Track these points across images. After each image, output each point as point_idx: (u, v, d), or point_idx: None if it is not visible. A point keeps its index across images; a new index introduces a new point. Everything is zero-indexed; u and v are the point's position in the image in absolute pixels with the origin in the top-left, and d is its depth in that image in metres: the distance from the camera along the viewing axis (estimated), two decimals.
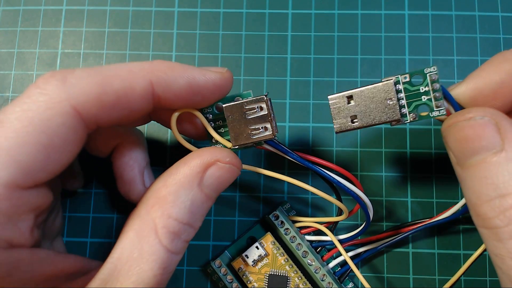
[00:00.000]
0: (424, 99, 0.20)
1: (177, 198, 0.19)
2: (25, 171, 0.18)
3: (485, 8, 0.29)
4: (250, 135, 0.21)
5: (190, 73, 0.20)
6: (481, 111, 0.18)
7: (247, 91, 0.22)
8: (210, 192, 0.20)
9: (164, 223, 0.19)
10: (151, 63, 0.20)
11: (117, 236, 0.20)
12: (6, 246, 0.18)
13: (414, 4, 0.29)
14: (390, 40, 0.29)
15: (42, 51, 0.30)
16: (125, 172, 0.23)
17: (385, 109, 0.20)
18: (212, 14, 0.30)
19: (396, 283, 0.27)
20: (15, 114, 0.18)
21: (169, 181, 0.20)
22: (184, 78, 0.20)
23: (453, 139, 0.18)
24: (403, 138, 0.28)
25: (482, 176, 0.17)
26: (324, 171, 0.22)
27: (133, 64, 0.20)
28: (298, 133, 0.28)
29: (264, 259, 0.25)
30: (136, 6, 0.30)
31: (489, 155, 0.17)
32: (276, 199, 0.28)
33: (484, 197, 0.17)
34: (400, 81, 0.20)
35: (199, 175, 0.20)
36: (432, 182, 0.27)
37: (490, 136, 0.17)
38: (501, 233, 0.16)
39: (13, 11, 0.30)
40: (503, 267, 0.16)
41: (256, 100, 0.21)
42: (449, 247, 0.27)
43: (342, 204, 0.23)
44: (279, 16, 0.30)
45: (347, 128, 0.20)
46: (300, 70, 0.29)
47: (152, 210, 0.19)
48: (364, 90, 0.20)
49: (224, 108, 0.21)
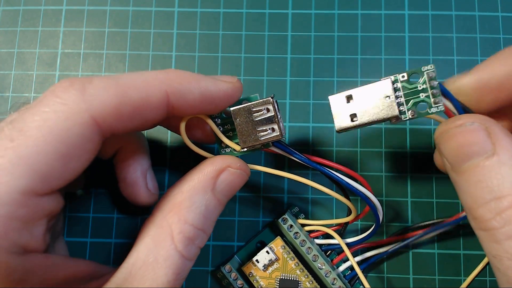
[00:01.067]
0: (422, 96, 0.20)
1: (192, 203, 0.20)
2: (43, 179, 0.18)
3: (485, 8, 0.29)
4: (258, 136, 0.21)
5: (204, 83, 0.20)
6: (471, 118, 0.18)
7: (254, 94, 0.22)
8: (222, 197, 0.21)
9: (181, 228, 0.19)
10: (166, 73, 0.20)
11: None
12: (22, 252, 0.18)
13: (414, 4, 0.29)
14: (390, 40, 0.29)
15: (42, 51, 0.30)
16: (128, 175, 0.24)
17: (383, 106, 0.20)
18: (212, 14, 0.30)
19: (396, 283, 0.27)
20: (35, 123, 0.18)
21: (184, 187, 0.20)
22: (198, 89, 0.20)
23: (445, 146, 0.19)
24: (403, 138, 0.28)
25: (477, 180, 0.17)
26: (332, 173, 0.22)
27: (148, 74, 0.20)
28: (298, 133, 0.28)
29: (275, 264, 0.25)
30: (136, 6, 0.30)
31: (482, 160, 0.17)
32: (277, 198, 0.28)
33: (480, 200, 0.17)
34: (398, 79, 0.20)
35: (212, 181, 0.21)
36: (432, 182, 0.27)
37: (481, 141, 0.17)
38: (498, 234, 0.16)
39: (13, 11, 0.30)
40: (501, 267, 0.17)
41: (262, 102, 0.21)
42: (449, 247, 0.27)
43: (351, 204, 0.23)
44: (279, 16, 0.30)
45: (348, 126, 0.21)
46: (300, 70, 0.29)
47: (169, 216, 0.20)
48: (362, 89, 0.20)
49: (232, 111, 0.21)
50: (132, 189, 0.24)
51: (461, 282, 0.26)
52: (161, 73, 0.20)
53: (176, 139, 0.28)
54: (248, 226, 0.27)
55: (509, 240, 0.16)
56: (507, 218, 0.16)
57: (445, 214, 0.27)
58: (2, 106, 0.29)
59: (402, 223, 0.27)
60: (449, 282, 0.26)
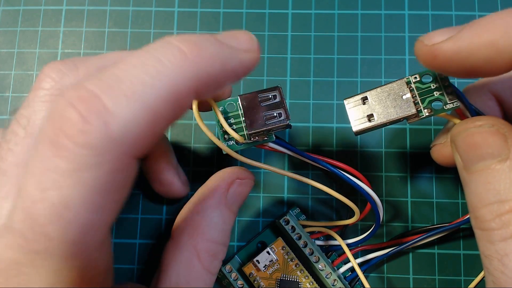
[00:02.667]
0: (437, 94, 0.20)
1: (210, 221, 0.21)
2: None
3: (485, 8, 0.29)
4: (265, 121, 0.21)
5: (226, 60, 0.17)
6: (491, 120, 0.18)
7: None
8: (235, 208, 0.22)
9: (205, 247, 0.21)
10: (191, 61, 0.16)
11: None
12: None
13: (414, 4, 0.30)
14: (390, 40, 0.29)
15: (42, 51, 0.30)
16: (163, 176, 0.25)
17: (400, 104, 0.20)
18: (212, 14, 0.30)
19: (396, 283, 0.27)
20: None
21: (199, 207, 0.21)
22: (222, 72, 0.17)
23: (462, 144, 0.19)
24: (403, 138, 0.28)
25: (486, 182, 0.17)
26: (333, 168, 0.22)
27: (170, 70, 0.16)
28: (298, 133, 0.28)
29: (275, 264, 0.25)
30: (136, 6, 0.30)
31: (494, 162, 0.17)
32: (277, 198, 0.28)
33: (484, 201, 0.17)
34: (411, 81, 0.21)
35: (224, 195, 0.22)
36: (432, 182, 0.27)
37: (497, 144, 0.17)
38: (494, 235, 0.17)
39: (13, 11, 0.30)
40: (490, 267, 0.17)
41: (270, 89, 0.22)
42: (449, 247, 0.27)
43: (353, 204, 0.23)
44: (279, 16, 0.30)
45: (366, 127, 0.21)
46: (300, 70, 0.29)
47: (192, 238, 0.21)
48: (378, 90, 0.21)
49: (239, 98, 0.22)
50: (169, 188, 0.25)
51: (461, 282, 0.26)
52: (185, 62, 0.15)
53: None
54: (248, 226, 0.27)
55: (502, 242, 0.17)
56: (505, 221, 0.17)
57: (445, 214, 0.27)
58: (2, 106, 0.29)
59: (402, 223, 0.27)
60: (449, 282, 0.26)
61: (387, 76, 0.29)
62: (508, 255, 0.16)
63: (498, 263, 0.17)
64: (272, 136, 0.22)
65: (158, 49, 0.15)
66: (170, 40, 0.16)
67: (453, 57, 0.17)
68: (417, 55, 0.19)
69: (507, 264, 0.16)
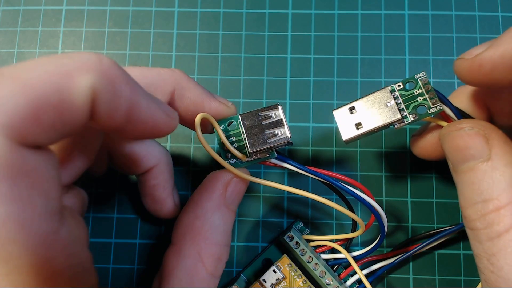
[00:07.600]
0: (420, 99, 0.21)
1: (211, 224, 0.21)
2: None
3: (485, 8, 0.29)
4: (267, 140, 0.21)
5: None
6: (471, 123, 0.19)
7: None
8: (234, 207, 0.22)
9: (209, 252, 0.20)
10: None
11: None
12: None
13: (414, 4, 0.29)
14: (390, 40, 0.29)
15: (42, 51, 0.30)
16: (157, 192, 0.24)
17: (385, 112, 0.21)
18: (212, 14, 0.30)
19: (396, 283, 0.27)
20: None
21: (199, 211, 0.21)
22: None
23: (447, 146, 0.20)
24: (403, 138, 0.28)
25: (470, 182, 0.18)
26: (337, 182, 0.22)
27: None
28: (298, 133, 0.28)
29: (282, 282, 0.25)
30: (136, 6, 0.30)
31: (477, 163, 0.18)
32: (276, 198, 0.28)
33: (470, 201, 0.18)
34: (395, 89, 0.22)
35: (222, 196, 0.21)
36: (432, 182, 0.27)
37: (478, 146, 0.18)
38: (480, 235, 0.18)
39: (13, 11, 0.30)
40: (480, 266, 0.18)
41: (270, 107, 0.22)
42: (449, 247, 0.27)
43: (358, 217, 0.23)
44: (279, 16, 0.30)
45: (354, 135, 0.22)
46: (300, 70, 0.29)
47: (195, 243, 0.20)
48: (363, 100, 0.22)
49: (240, 116, 0.22)
50: (160, 205, 0.24)
51: (461, 282, 0.26)
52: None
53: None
54: (247, 228, 0.27)
55: (489, 242, 0.17)
56: (489, 221, 0.17)
57: (445, 214, 0.27)
58: None
59: (402, 223, 0.27)
60: (449, 282, 0.26)
61: (387, 76, 0.29)
62: (496, 254, 0.17)
63: (487, 263, 0.17)
64: (273, 153, 0.22)
65: None
66: None
67: (498, 62, 0.17)
68: (459, 72, 0.19)
69: (495, 263, 0.17)
